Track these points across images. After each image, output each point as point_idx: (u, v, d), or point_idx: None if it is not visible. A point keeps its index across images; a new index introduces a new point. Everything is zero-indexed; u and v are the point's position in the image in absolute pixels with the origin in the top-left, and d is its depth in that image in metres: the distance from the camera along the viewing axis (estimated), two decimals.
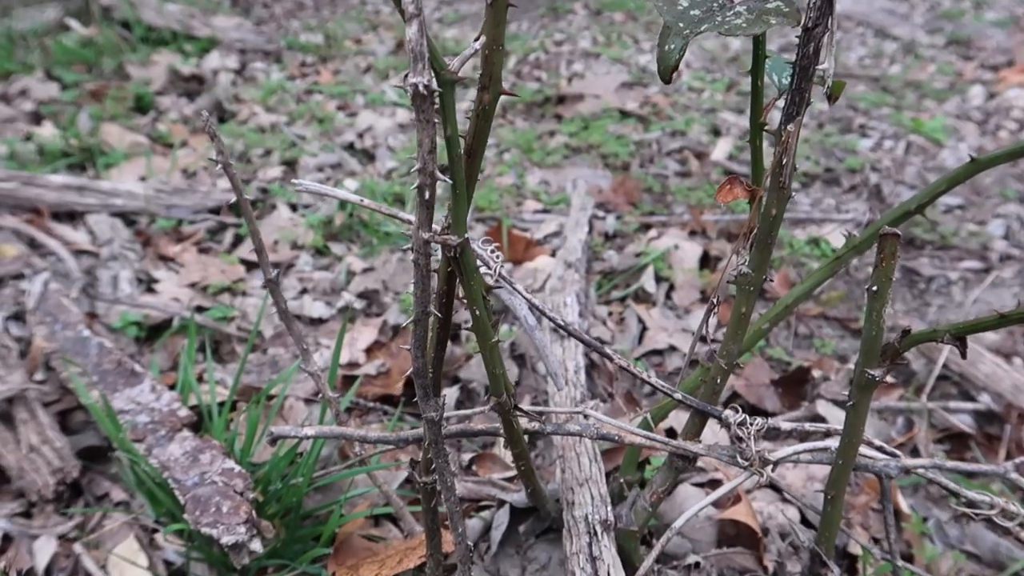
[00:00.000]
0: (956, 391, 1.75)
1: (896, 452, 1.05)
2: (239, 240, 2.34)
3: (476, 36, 0.70)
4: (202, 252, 2.27)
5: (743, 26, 0.78)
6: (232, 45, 3.85)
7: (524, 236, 2.26)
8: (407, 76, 0.61)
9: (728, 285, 0.96)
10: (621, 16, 4.53)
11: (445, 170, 0.70)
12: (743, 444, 0.99)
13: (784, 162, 0.81)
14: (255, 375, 1.79)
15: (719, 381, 1.01)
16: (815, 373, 1.78)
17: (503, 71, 0.76)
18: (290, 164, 2.79)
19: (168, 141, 2.90)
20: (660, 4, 0.80)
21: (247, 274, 2.16)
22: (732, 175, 0.93)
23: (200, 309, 1.97)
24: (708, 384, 1.03)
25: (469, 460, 1.56)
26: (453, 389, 1.71)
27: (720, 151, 2.86)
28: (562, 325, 1.03)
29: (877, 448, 1.06)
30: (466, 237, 0.78)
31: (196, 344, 1.76)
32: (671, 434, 1.54)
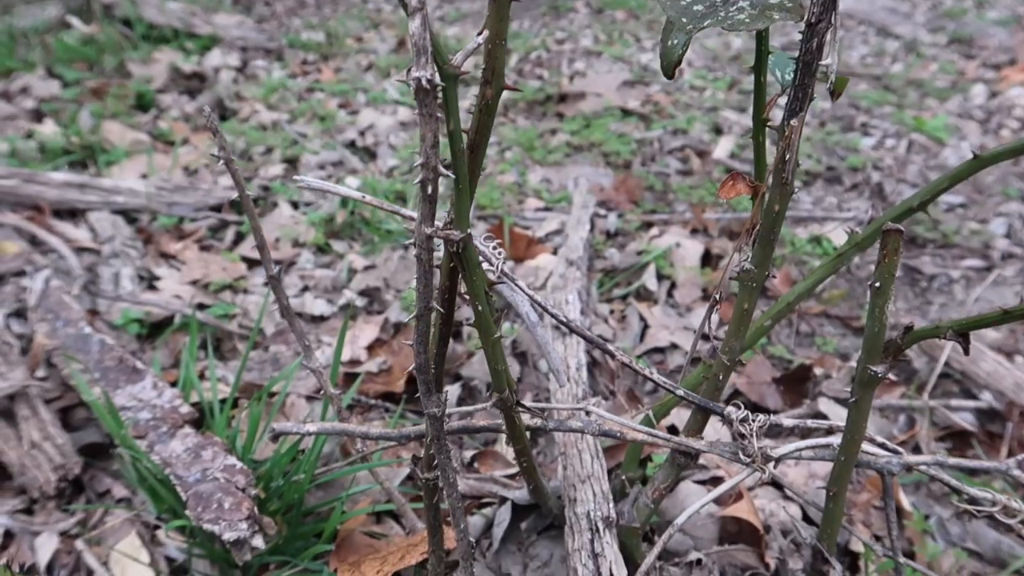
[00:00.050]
0: (958, 389, 1.74)
1: (898, 449, 1.05)
2: (240, 238, 2.34)
3: (479, 31, 0.69)
4: (203, 250, 2.27)
5: (746, 21, 0.78)
6: (233, 43, 3.85)
7: (526, 234, 2.26)
8: (410, 70, 0.61)
9: (730, 283, 0.96)
10: (623, 14, 4.53)
11: (448, 166, 0.70)
12: (745, 441, 0.98)
13: (787, 158, 0.81)
14: (256, 372, 1.79)
15: (721, 378, 1.01)
16: (817, 371, 1.78)
17: (504, 69, 0.76)
18: (291, 162, 2.79)
19: (169, 139, 2.90)
20: (664, 0, 0.80)
21: (248, 272, 2.16)
22: (735, 171, 0.93)
23: (201, 306, 1.97)
24: (710, 381, 1.03)
25: (471, 457, 1.56)
26: (455, 386, 1.71)
27: (722, 149, 2.85)
28: (564, 321, 1.03)
29: (879, 445, 1.06)
30: (469, 232, 0.77)
31: (198, 341, 1.75)
32: (673, 431, 1.54)
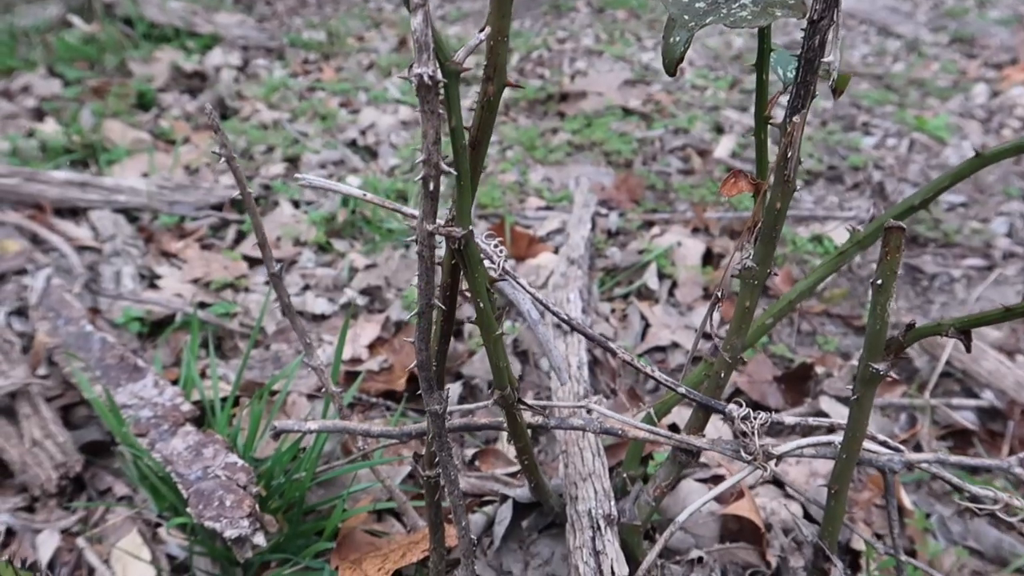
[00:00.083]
0: (959, 388, 1.74)
1: (900, 447, 1.05)
2: (242, 236, 2.34)
3: (481, 28, 0.69)
4: (205, 248, 2.27)
5: (748, 19, 0.78)
6: (235, 42, 3.85)
7: (527, 233, 2.26)
8: (412, 67, 0.61)
9: (731, 281, 0.96)
10: (624, 14, 4.53)
11: (449, 163, 0.70)
12: (747, 439, 0.98)
13: (789, 155, 0.81)
14: (258, 371, 1.79)
15: (723, 375, 1.01)
16: (818, 370, 1.78)
17: (506, 66, 0.76)
18: (292, 161, 2.79)
19: (170, 138, 2.90)
20: None
21: (249, 270, 2.16)
22: (737, 169, 0.93)
23: (203, 305, 1.97)
24: (712, 379, 1.03)
25: (472, 456, 1.56)
26: (456, 385, 1.71)
27: (723, 149, 2.85)
28: (566, 319, 1.03)
29: (881, 443, 1.06)
30: (470, 229, 0.77)
31: (199, 340, 1.76)
32: (674, 430, 1.54)
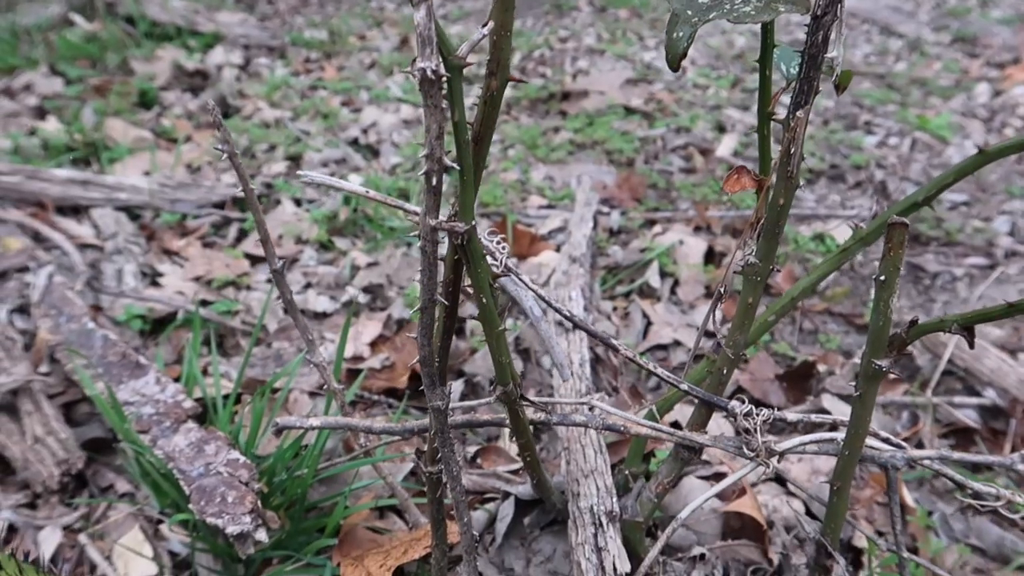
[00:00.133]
0: (961, 386, 1.74)
1: (902, 444, 1.05)
2: (243, 235, 2.34)
3: (484, 23, 0.69)
4: (206, 246, 2.28)
5: (752, 14, 0.78)
6: (236, 41, 3.85)
7: (529, 231, 2.26)
8: (415, 61, 0.61)
9: (733, 279, 0.96)
10: (626, 13, 4.53)
11: (452, 158, 0.70)
12: (749, 436, 0.98)
13: (792, 151, 0.81)
14: (259, 368, 1.79)
15: (725, 372, 1.01)
16: (820, 368, 1.78)
17: (510, 61, 0.76)
18: (294, 159, 2.79)
19: (172, 136, 2.90)
20: None
21: (251, 268, 2.16)
22: (740, 166, 0.93)
23: (204, 303, 1.97)
24: (714, 375, 1.03)
25: (474, 453, 1.56)
26: (458, 383, 1.71)
27: (725, 147, 2.85)
28: (568, 316, 1.03)
29: (883, 440, 1.06)
30: (473, 224, 0.77)
31: (201, 337, 1.76)
32: (676, 427, 1.54)
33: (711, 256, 2.20)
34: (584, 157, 2.82)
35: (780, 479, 1.49)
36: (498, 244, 1.00)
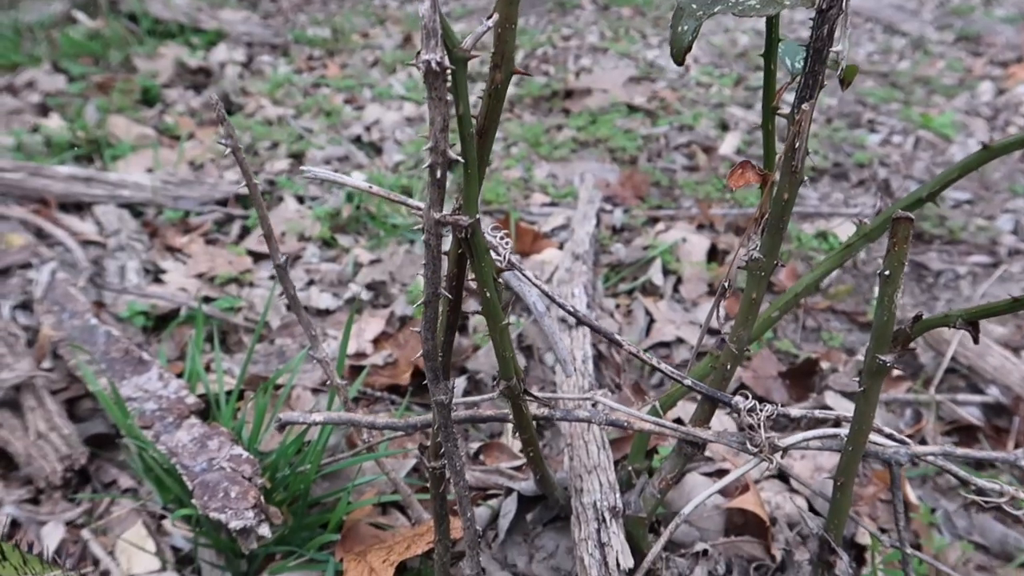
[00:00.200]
0: (964, 384, 1.74)
1: (906, 440, 1.05)
2: (246, 231, 2.34)
3: (488, 15, 0.69)
4: (209, 243, 2.28)
5: (757, 7, 0.78)
6: (239, 38, 3.85)
7: (532, 229, 2.26)
8: (420, 54, 0.61)
9: (736, 276, 0.95)
10: (629, 11, 4.52)
11: (457, 152, 0.70)
12: (752, 431, 0.98)
13: (797, 145, 0.80)
14: (262, 365, 1.79)
15: (729, 367, 1.01)
16: (823, 365, 1.78)
17: (514, 54, 0.75)
18: (297, 157, 2.79)
19: (175, 133, 2.91)
20: None
21: (254, 265, 2.16)
22: (745, 160, 0.93)
23: (207, 299, 1.97)
24: (718, 371, 1.03)
25: (476, 449, 1.56)
26: (461, 379, 1.71)
27: (728, 145, 2.85)
28: (571, 311, 1.03)
29: (887, 436, 1.06)
30: (477, 217, 0.77)
31: (203, 334, 1.76)
32: (679, 424, 1.54)
33: (714, 254, 2.20)
34: (587, 155, 2.82)
35: (783, 476, 1.49)
36: (502, 240, 1.00)
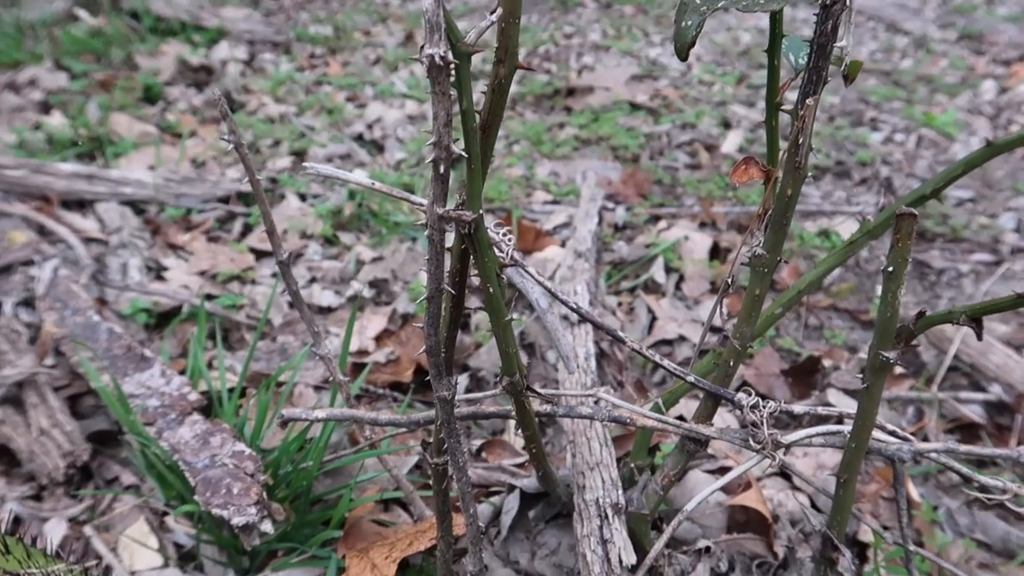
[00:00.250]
0: (967, 382, 1.74)
1: (909, 436, 1.05)
2: (248, 229, 2.34)
3: (492, 10, 0.69)
4: (211, 241, 2.28)
5: (761, 2, 0.77)
6: (241, 36, 3.85)
7: (534, 227, 2.26)
8: (423, 48, 0.61)
9: (739, 273, 0.95)
10: (631, 9, 4.52)
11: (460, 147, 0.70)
12: (755, 428, 0.98)
13: (800, 141, 0.80)
14: (264, 362, 1.79)
15: (732, 364, 1.01)
16: (825, 363, 1.78)
17: (518, 49, 0.75)
18: (299, 154, 2.79)
19: (177, 131, 2.91)
20: None
21: (256, 263, 2.16)
22: (748, 156, 0.93)
23: (209, 297, 1.97)
24: (721, 367, 1.03)
25: (479, 446, 1.56)
26: (463, 376, 1.71)
27: (730, 143, 2.85)
28: (574, 307, 1.03)
29: (889, 432, 1.06)
30: (480, 213, 0.77)
31: (206, 331, 1.76)
32: (681, 420, 1.54)
33: (716, 252, 2.20)
34: (589, 153, 2.81)
35: (785, 474, 1.49)
36: (504, 236, 1.00)
